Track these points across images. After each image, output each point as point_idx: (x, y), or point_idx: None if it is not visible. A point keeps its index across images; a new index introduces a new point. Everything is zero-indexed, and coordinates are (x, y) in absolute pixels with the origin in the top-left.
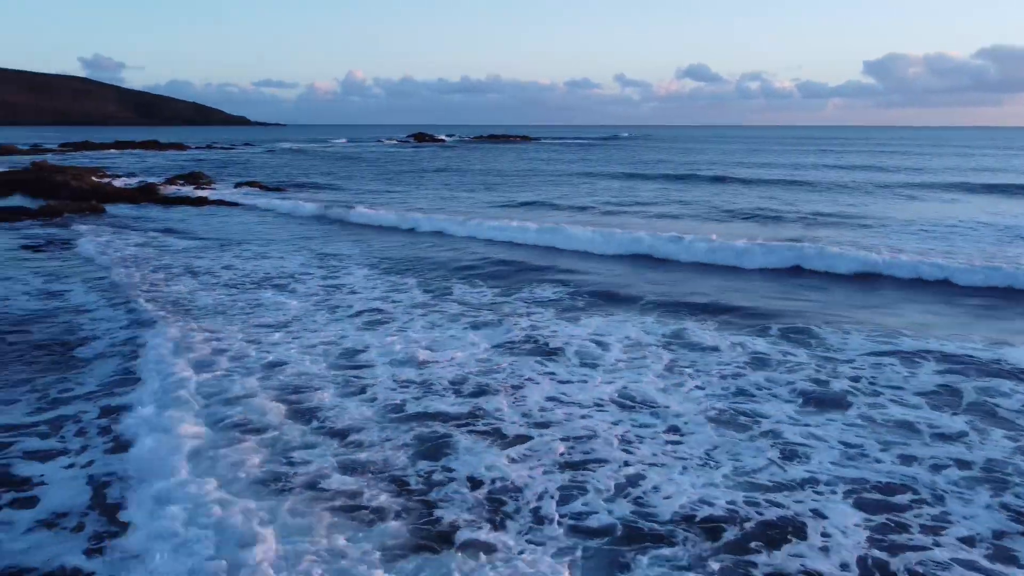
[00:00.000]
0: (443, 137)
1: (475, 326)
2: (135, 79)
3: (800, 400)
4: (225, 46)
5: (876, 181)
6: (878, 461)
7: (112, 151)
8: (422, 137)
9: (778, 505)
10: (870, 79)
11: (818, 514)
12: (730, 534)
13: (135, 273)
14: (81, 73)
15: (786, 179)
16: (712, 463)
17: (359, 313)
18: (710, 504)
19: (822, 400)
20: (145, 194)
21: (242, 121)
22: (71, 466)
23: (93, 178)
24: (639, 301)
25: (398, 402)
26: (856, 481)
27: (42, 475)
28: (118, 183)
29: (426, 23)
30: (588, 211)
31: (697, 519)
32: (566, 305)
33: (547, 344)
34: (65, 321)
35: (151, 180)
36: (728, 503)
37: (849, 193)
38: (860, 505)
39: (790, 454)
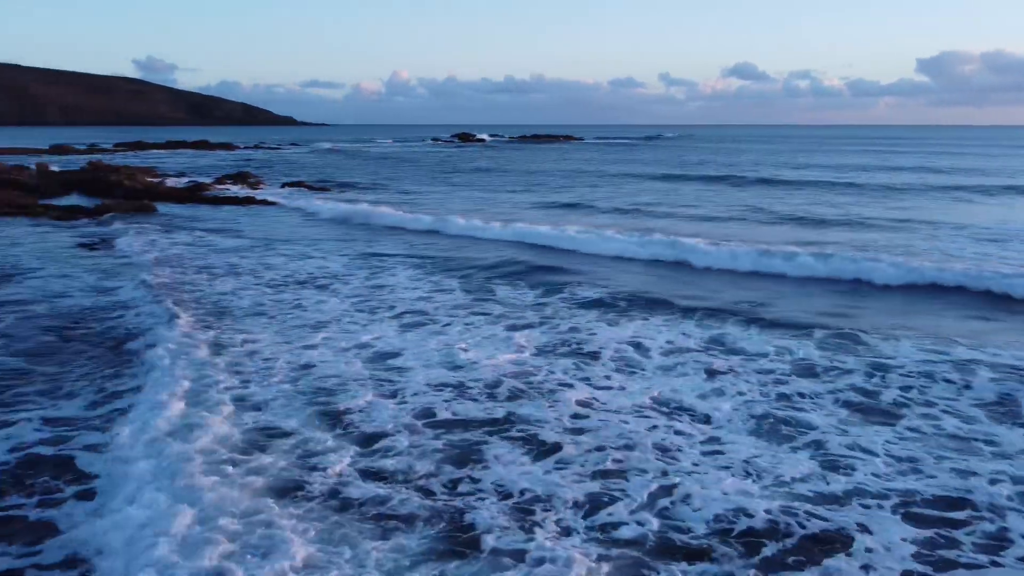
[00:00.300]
0: (483, 137)
1: (514, 327)
2: (187, 80)
3: (847, 409)
4: (273, 47)
5: (928, 183)
6: (931, 475)
7: (164, 151)
8: (466, 137)
9: (821, 518)
10: (923, 77)
11: (864, 528)
12: (769, 548)
13: (180, 272)
14: (135, 75)
15: (833, 181)
16: (752, 473)
17: (399, 314)
18: (748, 516)
19: (871, 410)
20: (194, 193)
21: (289, 121)
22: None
23: (146, 178)
24: (679, 305)
25: (430, 407)
26: (906, 494)
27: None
28: (169, 183)
29: (470, 23)
30: (629, 214)
31: (734, 532)
32: (604, 308)
33: (585, 347)
34: (117, 316)
35: (201, 180)
36: (768, 515)
37: (900, 195)
38: (910, 519)
39: (835, 465)
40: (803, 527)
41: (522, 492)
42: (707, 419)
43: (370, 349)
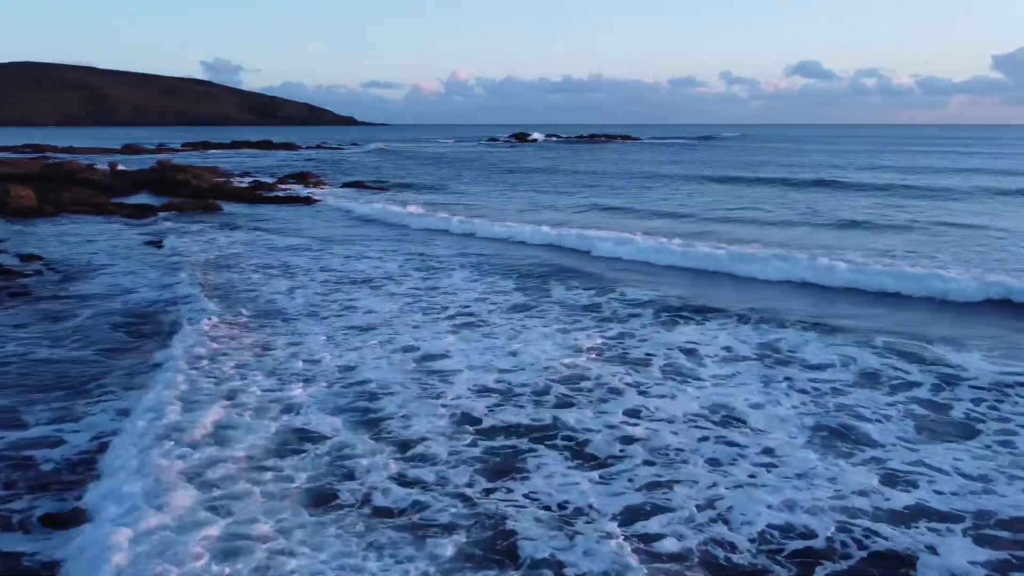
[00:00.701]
0: (535, 136)
1: (565, 331)
2: (252, 81)
3: (912, 423)
4: (335, 49)
5: (1003, 186)
6: (1003, 495)
7: (229, 150)
8: (522, 137)
9: (883, 537)
10: (999, 74)
11: (931, 549)
12: (824, 569)
13: (237, 272)
14: (202, 76)
15: (900, 183)
16: (808, 488)
17: (452, 316)
18: (802, 534)
19: (938, 424)
20: (257, 193)
21: (350, 121)
22: None
23: (212, 177)
24: (732, 311)
25: (474, 412)
26: (978, 515)
27: None
28: (234, 182)
29: (528, 23)
30: (683, 218)
31: (786, 551)
32: (656, 313)
33: (636, 353)
34: (173, 313)
35: (263, 179)
36: (824, 534)
37: (971, 199)
38: (982, 541)
39: (899, 481)
40: (863, 546)
41: (564, 502)
42: (761, 430)
43: (418, 351)
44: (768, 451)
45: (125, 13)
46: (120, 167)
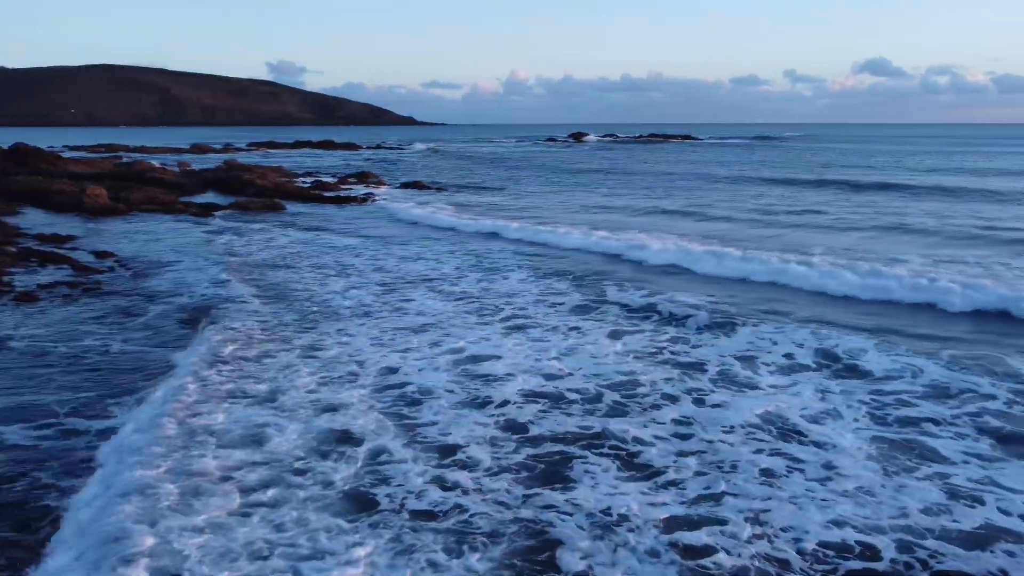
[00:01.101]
0: (588, 137)
1: (616, 335)
2: (315, 82)
3: (984, 438)
4: (395, 49)
5: None
6: None
7: (292, 150)
8: (579, 137)
9: (951, 558)
10: None
11: (1003, 573)
12: None
13: (293, 272)
14: (267, 77)
15: (971, 187)
16: (869, 505)
17: (506, 318)
18: (861, 553)
19: (1012, 439)
20: (318, 192)
21: (409, 121)
22: None
23: (275, 177)
24: (791, 316)
25: (520, 418)
26: None
27: None
28: (296, 182)
29: (587, 22)
30: (743, 222)
31: (842, 570)
32: (712, 318)
33: (691, 360)
34: (231, 312)
35: (325, 179)
36: (885, 554)
37: None
38: None
39: (969, 500)
40: (927, 567)
41: (609, 511)
42: (820, 442)
43: (467, 354)
44: (827, 465)
45: (195, 16)
46: (191, 167)
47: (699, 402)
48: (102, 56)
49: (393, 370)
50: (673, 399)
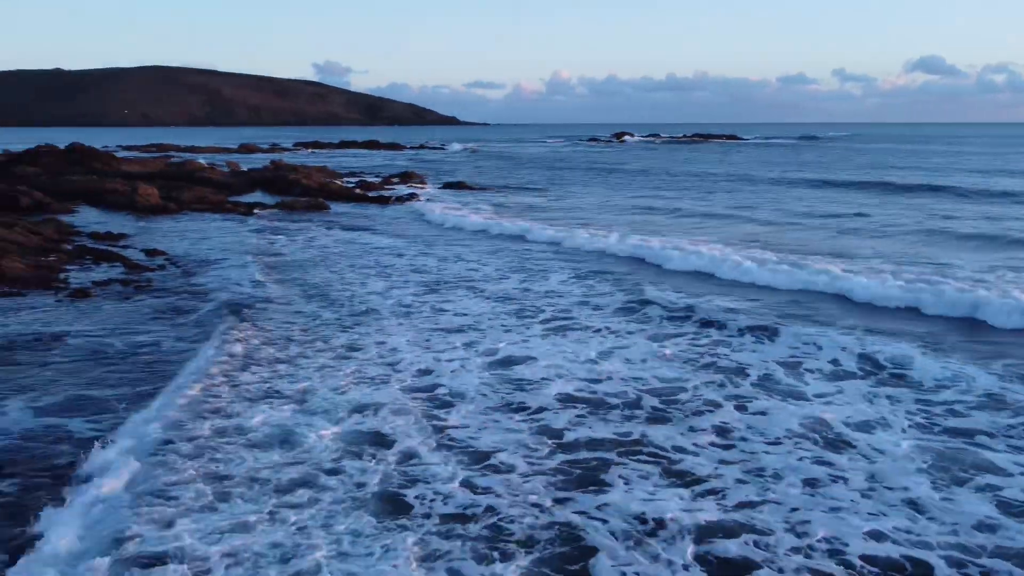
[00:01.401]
0: (627, 137)
1: (656, 338)
2: (360, 82)
3: None
4: (439, 49)
5: None
6: None
7: (337, 150)
8: (621, 136)
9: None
10: None
11: None
12: None
13: (334, 272)
14: (314, 77)
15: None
16: (917, 519)
17: (546, 320)
18: (907, 569)
19: None
20: (362, 192)
21: (452, 121)
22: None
23: (320, 177)
24: (835, 323)
25: (556, 423)
26: None
27: None
28: (341, 181)
29: (631, 21)
30: (780, 226)
31: None
32: (754, 324)
33: (734, 365)
34: (271, 312)
35: (369, 179)
36: (934, 571)
37: None
38: None
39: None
40: None
41: (644, 518)
42: (865, 452)
43: (504, 355)
44: (873, 475)
45: (243, 17)
46: (239, 166)
47: (741, 408)
48: (155, 57)
49: (428, 371)
50: (715, 405)
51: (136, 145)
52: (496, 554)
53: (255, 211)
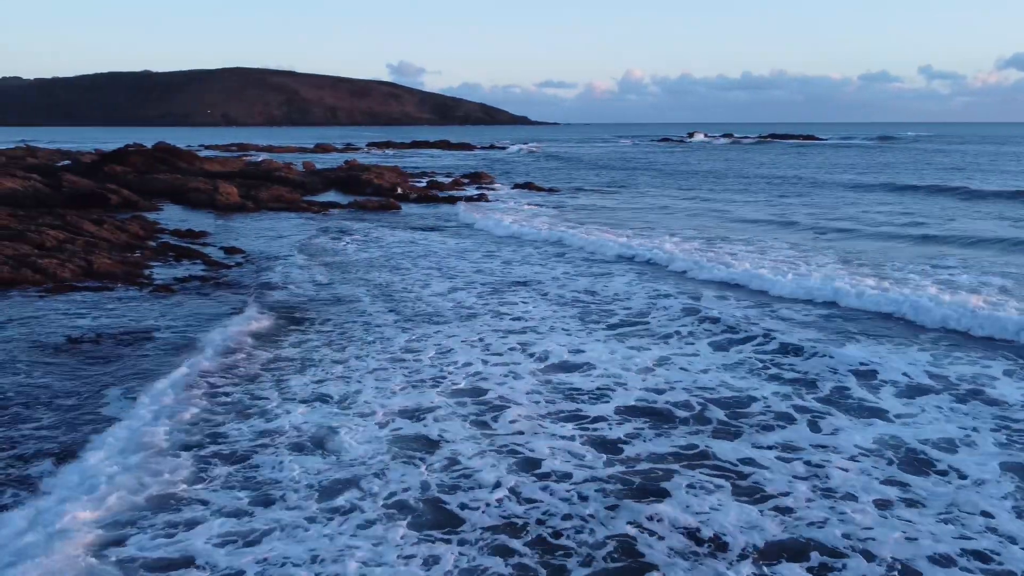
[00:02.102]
0: (697, 135)
1: (722, 347)
2: (433, 82)
3: None
4: (511, 49)
5: None
6: None
7: (409, 150)
8: (693, 135)
9: None
10: None
11: None
12: None
13: (399, 274)
14: (389, 78)
15: None
16: (1001, 547)
17: (611, 326)
18: None
19: None
20: (432, 193)
21: (524, 120)
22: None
23: (392, 177)
24: (919, 333)
25: (614, 432)
26: None
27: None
28: (412, 182)
29: (706, 19)
30: (856, 236)
31: None
32: (828, 334)
33: (804, 377)
34: (331, 312)
35: (439, 178)
36: None
37: None
38: None
39: None
40: None
41: (704, 530)
42: (945, 472)
43: (563, 360)
44: (952, 499)
45: (321, 19)
46: (314, 166)
47: (813, 424)
48: (237, 59)
49: (483, 376)
50: (784, 418)
51: (218, 144)
52: (545, 570)
53: (329, 210)
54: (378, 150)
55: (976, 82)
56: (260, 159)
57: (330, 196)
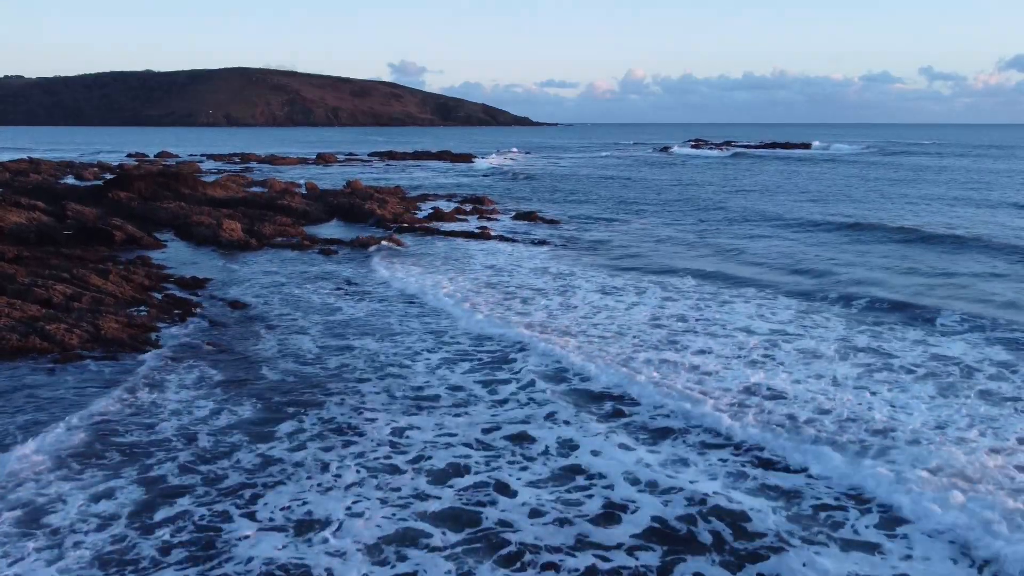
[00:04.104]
0: (673, 149)
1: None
2: (434, 81)
3: None
4: (513, 49)
5: None
6: None
7: (411, 162)
8: (699, 144)
9: None
10: None
11: None
12: None
13: (394, 340)
14: (389, 77)
15: None
16: None
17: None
18: None
19: None
20: (435, 226)
21: (525, 121)
22: None
23: (395, 205)
24: None
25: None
26: None
27: None
28: (414, 211)
29: (708, 18)
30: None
31: None
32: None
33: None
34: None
35: (440, 203)
36: None
37: None
38: None
39: None
40: None
41: None
42: None
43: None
44: None
45: (322, 18)
46: (317, 188)
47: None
48: (238, 59)
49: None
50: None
51: (220, 154)
52: None
53: (331, 251)
54: (380, 162)
55: (977, 84)
56: (263, 180)
57: (333, 226)
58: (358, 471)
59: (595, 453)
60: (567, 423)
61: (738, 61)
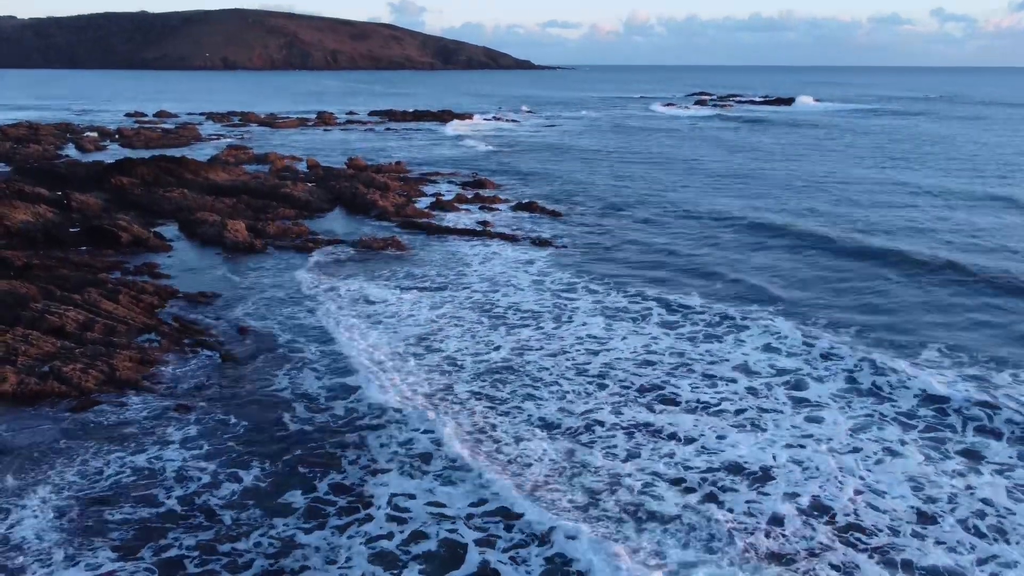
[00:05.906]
0: (672, 109)
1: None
2: (434, 22)
3: None
4: None
5: None
6: None
7: (411, 123)
8: (704, 102)
9: None
10: None
11: None
12: None
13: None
14: (389, 17)
15: None
16: None
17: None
18: None
19: None
20: (437, 223)
21: (527, 65)
22: None
23: (396, 195)
24: None
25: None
26: None
27: None
28: (416, 198)
29: None
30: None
31: None
32: None
33: None
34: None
35: (443, 188)
36: None
37: None
38: None
39: None
40: None
41: None
42: None
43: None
44: None
45: None
46: (319, 167)
47: None
48: (234, 1)
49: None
50: None
51: (219, 113)
52: None
53: (333, 252)
54: (379, 125)
55: (990, 25)
56: (264, 154)
57: (335, 218)
58: None
59: None
60: None
61: (744, 1)
